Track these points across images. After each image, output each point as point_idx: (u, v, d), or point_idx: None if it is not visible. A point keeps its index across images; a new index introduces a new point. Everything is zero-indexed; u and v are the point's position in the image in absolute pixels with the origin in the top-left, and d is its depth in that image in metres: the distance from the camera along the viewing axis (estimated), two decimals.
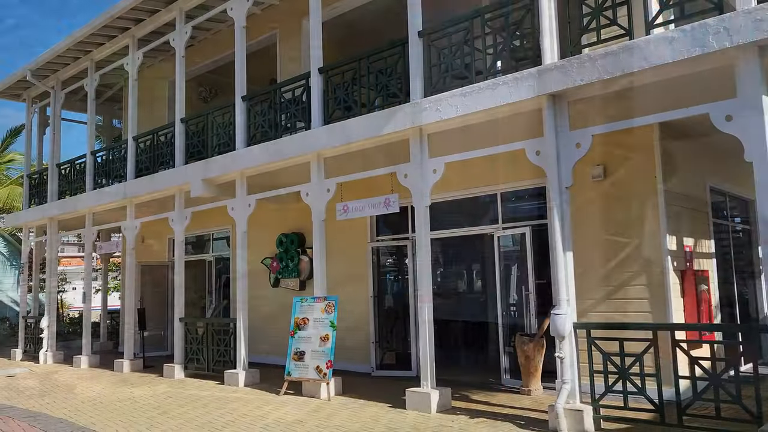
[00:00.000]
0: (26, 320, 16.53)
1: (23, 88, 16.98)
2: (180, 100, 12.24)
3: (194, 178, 11.32)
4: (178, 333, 11.71)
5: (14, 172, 25.05)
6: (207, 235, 15.50)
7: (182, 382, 11.01)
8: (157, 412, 8.39)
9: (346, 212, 9.18)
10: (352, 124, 8.84)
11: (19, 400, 9.80)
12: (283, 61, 13.13)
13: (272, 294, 13.16)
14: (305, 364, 9.16)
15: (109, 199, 13.60)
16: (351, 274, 11.51)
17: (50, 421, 8.01)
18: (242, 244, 10.76)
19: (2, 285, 27.56)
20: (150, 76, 16.21)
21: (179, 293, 11.94)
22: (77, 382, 11.53)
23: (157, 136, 13.03)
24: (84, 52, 14.68)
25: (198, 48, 14.82)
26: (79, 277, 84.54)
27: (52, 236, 15.68)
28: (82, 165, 15.20)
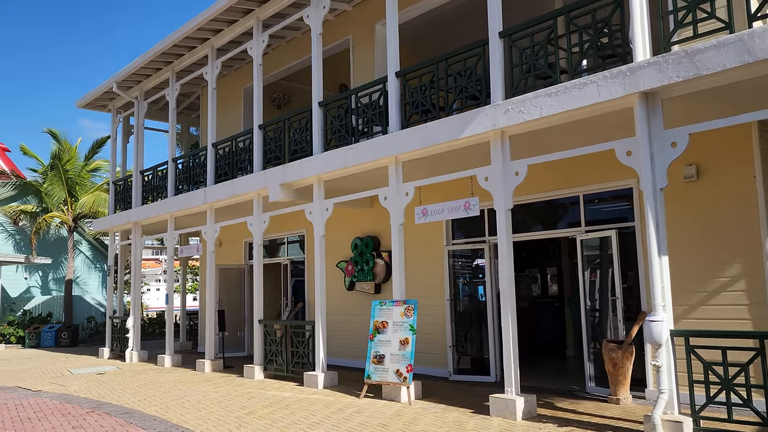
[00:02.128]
0: (113, 320, 17.30)
1: (109, 99, 17.84)
2: (258, 106, 12.53)
3: (272, 183, 11.55)
4: (258, 335, 11.97)
5: (99, 179, 26.33)
6: (281, 238, 15.81)
7: (262, 383, 11.25)
8: (243, 412, 8.59)
9: (425, 216, 9.14)
10: (431, 128, 8.80)
11: (112, 397, 10.25)
12: (356, 67, 13.25)
13: (347, 297, 13.29)
14: (385, 368, 9.18)
15: (189, 204, 14.06)
16: (427, 277, 11.49)
17: (144, 418, 8.33)
18: (320, 247, 10.89)
19: (87, 287, 29.06)
20: (225, 84, 16.70)
21: (258, 296, 12.20)
22: (164, 381, 11.97)
23: (236, 142, 13.39)
24: (165, 63, 15.28)
25: (272, 56, 15.16)
26: (154, 278, 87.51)
27: (137, 240, 16.37)
28: (164, 171, 15.80)
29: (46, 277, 27.58)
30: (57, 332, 22.89)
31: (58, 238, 27.05)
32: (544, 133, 7.92)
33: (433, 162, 9.42)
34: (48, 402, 9.94)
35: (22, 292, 26.28)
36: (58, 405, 9.59)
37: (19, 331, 23.70)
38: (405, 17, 11.45)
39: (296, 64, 15.13)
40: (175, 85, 15.30)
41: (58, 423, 8.18)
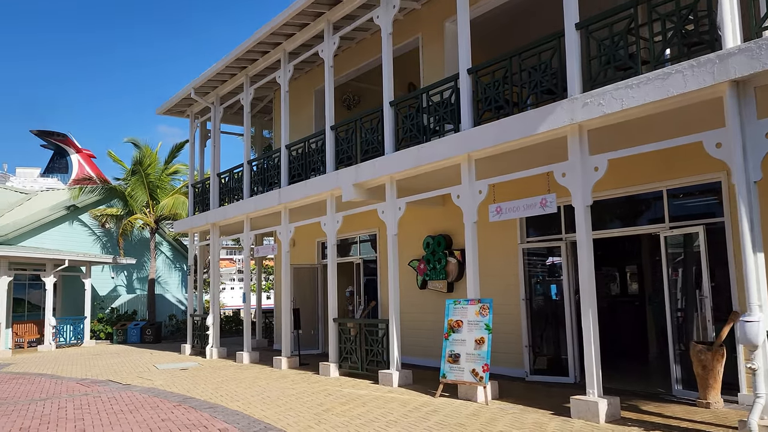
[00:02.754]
0: (193, 318, 17.98)
1: (187, 105, 18.55)
2: (330, 108, 12.70)
3: (345, 183, 11.69)
4: (333, 333, 12.14)
5: (178, 182, 27.42)
6: (352, 238, 15.98)
7: (338, 380, 11.40)
8: (321, 408, 8.73)
9: (499, 213, 9.02)
10: (505, 124, 8.67)
11: (196, 391, 10.66)
12: (426, 65, 13.23)
13: (419, 296, 13.29)
14: (460, 367, 9.12)
15: (264, 205, 14.42)
16: (500, 276, 11.34)
17: (227, 412, 8.62)
18: (393, 246, 10.93)
19: (168, 285, 30.32)
20: (296, 86, 17.03)
21: (332, 294, 12.38)
22: (243, 377, 12.33)
23: (308, 143, 13.63)
24: (240, 68, 15.73)
25: (342, 57, 15.34)
26: (229, 278, 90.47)
27: (215, 241, 16.95)
28: (240, 174, 16.28)
29: (131, 276, 28.98)
30: (142, 329, 24.03)
31: (141, 239, 28.37)
32: (624, 126, 7.66)
33: (507, 159, 9.28)
34: (138, 395, 10.44)
35: (109, 291, 27.72)
36: (147, 398, 10.06)
37: (107, 328, 25.02)
38: (474, 13, 11.32)
39: (365, 64, 15.26)
40: (249, 90, 15.73)
41: (149, 416, 8.57)
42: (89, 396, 10.57)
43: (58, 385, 12.21)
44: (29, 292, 23.26)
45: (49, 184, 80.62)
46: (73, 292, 24.57)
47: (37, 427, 8.07)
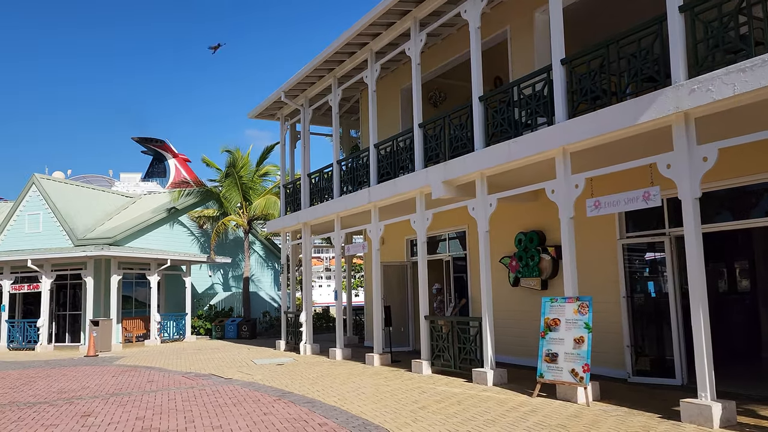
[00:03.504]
0: (287, 315, 18.51)
1: (277, 108, 19.11)
2: (417, 106, 12.71)
3: (434, 180, 11.65)
4: (425, 330, 12.14)
5: (269, 184, 28.36)
6: (440, 235, 15.91)
7: (431, 378, 11.39)
8: (416, 406, 8.75)
9: (597, 208, 8.69)
10: (602, 115, 8.34)
11: (293, 386, 10.96)
12: (515, 58, 12.95)
13: (511, 293, 13.05)
14: (559, 367, 8.87)
15: (354, 204, 14.62)
16: (598, 273, 10.94)
17: (325, 407, 8.80)
18: (484, 243, 10.78)
19: (261, 283, 31.38)
20: (382, 85, 17.14)
21: (424, 292, 12.38)
22: (337, 373, 12.57)
23: (397, 142, 13.69)
24: (328, 70, 16.02)
25: (428, 54, 15.28)
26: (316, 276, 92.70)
27: (306, 240, 17.37)
28: (329, 174, 16.59)
29: (227, 275, 30.25)
30: (238, 325, 25.03)
31: (236, 239, 29.54)
32: (733, 113, 7.18)
33: (605, 151, 8.93)
34: (239, 389, 10.86)
35: (206, 289, 29.07)
36: (248, 392, 10.44)
37: (206, 324, 26.26)
38: (567, 1, 10.97)
39: (451, 60, 15.14)
40: (337, 91, 15.99)
41: (251, 409, 8.90)
42: (195, 389, 11.10)
43: (165, 378, 12.91)
44: (136, 289, 24.76)
45: (149, 188, 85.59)
46: (174, 289, 25.95)
47: (151, 417, 8.56)
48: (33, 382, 12.96)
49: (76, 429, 7.96)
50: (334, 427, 7.53)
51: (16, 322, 22.92)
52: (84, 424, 8.23)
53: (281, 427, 7.64)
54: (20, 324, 22.77)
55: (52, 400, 10.43)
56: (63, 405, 9.84)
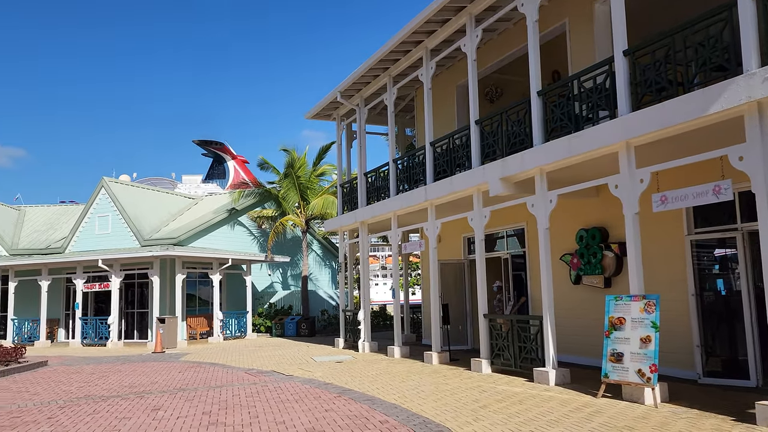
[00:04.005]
0: (345, 313, 18.69)
1: (333, 109, 19.31)
2: (474, 102, 12.60)
3: (492, 177, 11.53)
4: (483, 329, 12.03)
5: (325, 183, 28.70)
6: (498, 232, 15.72)
7: (491, 377, 11.28)
8: (477, 405, 8.68)
9: (664, 203, 8.40)
10: (668, 107, 8.05)
11: (353, 384, 11.06)
12: (574, 51, 12.67)
13: (572, 291, 12.77)
14: (624, 367, 8.62)
15: (411, 203, 14.62)
16: (664, 270, 10.58)
17: (386, 405, 8.84)
18: (544, 240, 10.59)
19: (319, 282, 31.79)
20: (437, 83, 17.06)
21: (482, 290, 12.27)
22: (396, 371, 12.60)
23: (453, 139, 13.61)
24: (383, 69, 16.08)
25: (484, 50, 15.12)
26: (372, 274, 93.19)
27: (363, 238, 17.49)
28: (385, 172, 16.65)
29: (285, 273, 30.79)
30: (297, 323, 25.45)
31: (294, 238, 30.04)
32: None
33: (671, 144, 8.63)
34: (300, 386, 11.04)
35: (266, 287, 29.67)
36: (309, 389, 10.60)
37: (266, 322, 26.81)
38: None
39: (508, 55, 14.94)
40: (392, 90, 16.03)
41: (313, 405, 9.03)
42: (257, 385, 11.35)
43: (229, 374, 13.26)
44: (199, 288, 25.53)
45: (210, 189, 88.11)
46: (235, 288, 26.60)
47: (217, 412, 8.80)
48: (106, 376, 13.55)
49: (147, 422, 8.27)
50: (394, 424, 7.56)
51: (89, 320, 24.01)
52: (154, 418, 8.54)
53: (342, 423, 7.72)
54: (92, 321, 23.84)
55: (124, 394, 10.87)
56: (134, 399, 10.25)
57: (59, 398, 10.64)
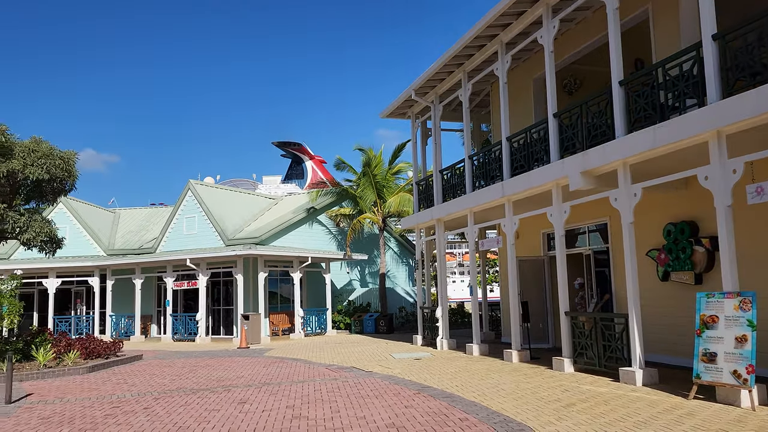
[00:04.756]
0: (423, 310, 18.72)
1: (408, 107, 19.37)
2: (551, 95, 12.31)
3: (572, 171, 11.22)
4: (565, 327, 11.74)
5: (401, 181, 28.84)
6: (578, 228, 15.28)
7: (574, 376, 11.00)
8: (560, 404, 8.49)
9: (760, 195, 7.90)
10: (764, 92, 7.58)
11: (432, 381, 11.08)
12: (657, 38, 12.14)
13: (660, 288, 12.25)
14: (718, 367, 8.19)
15: (487, 199, 14.46)
16: (761, 266, 9.96)
17: (465, 403, 8.80)
18: (629, 236, 10.22)
19: (396, 279, 31.99)
20: (513, 76, 16.77)
21: (563, 287, 11.98)
22: (475, 369, 12.51)
23: (530, 133, 13.35)
24: (457, 65, 15.98)
25: (561, 41, 14.73)
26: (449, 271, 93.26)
27: (440, 235, 17.45)
28: (461, 169, 16.54)
29: (363, 271, 31.18)
30: (376, 320, 25.72)
31: (371, 236, 30.36)
32: None
33: (766, 132, 8.11)
34: (379, 382, 11.16)
35: (344, 285, 30.15)
36: (389, 385, 10.70)
37: (345, 319, 27.25)
38: None
39: (586, 45, 14.47)
40: (467, 85, 15.90)
41: (393, 402, 9.11)
42: (338, 381, 11.57)
43: (310, 369, 13.58)
44: (280, 286, 26.26)
45: (289, 189, 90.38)
46: (315, 286, 27.20)
47: (300, 406, 9.04)
48: (195, 370, 14.19)
49: (235, 414, 8.61)
50: (474, 422, 7.52)
51: (179, 316, 25.21)
52: (241, 410, 8.87)
53: (422, 420, 7.74)
54: (182, 318, 25.02)
55: (212, 387, 11.35)
56: (222, 392, 10.68)
57: (154, 390, 11.25)
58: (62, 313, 29.09)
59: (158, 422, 8.27)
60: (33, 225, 15.57)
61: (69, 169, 15.90)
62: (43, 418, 8.92)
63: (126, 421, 8.40)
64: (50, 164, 15.28)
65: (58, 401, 10.35)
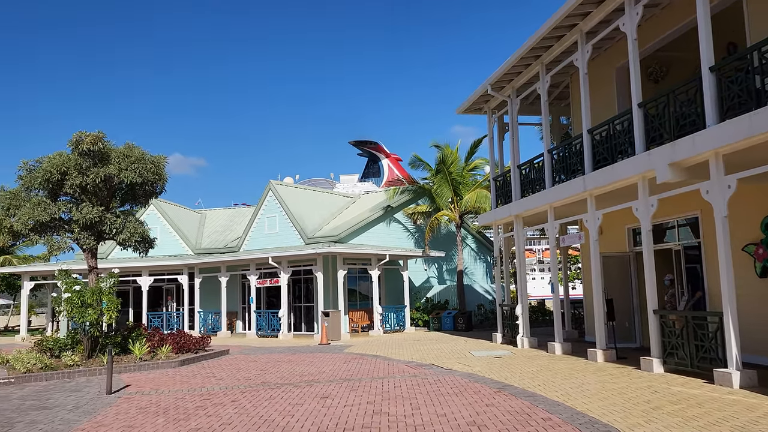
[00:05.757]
0: (502, 308, 18.46)
1: (484, 102, 19.14)
2: (636, 84, 11.83)
3: (659, 163, 10.74)
4: (654, 326, 11.27)
5: (478, 177, 28.52)
6: (667, 222, 14.60)
7: (663, 377, 10.54)
8: (648, 406, 8.16)
9: None
10: None
11: (513, 379, 10.91)
12: (752, 19, 11.42)
13: (758, 285, 11.54)
14: None
15: (568, 194, 14.07)
16: None
17: (548, 402, 8.61)
18: (722, 230, 9.68)
19: (474, 276, 31.71)
20: (594, 66, 16.23)
21: (651, 284, 11.50)
22: (558, 368, 12.22)
23: (613, 125, 12.89)
24: (534, 57, 15.63)
25: (645, 27, 14.12)
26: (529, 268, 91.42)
27: (519, 232, 17.14)
28: (540, 164, 16.18)
29: (441, 268, 31.10)
30: (454, 317, 25.60)
31: (448, 233, 30.22)
32: None
33: None
34: (459, 380, 11.10)
35: (422, 282, 30.17)
36: (469, 383, 10.62)
37: (423, 316, 27.27)
38: None
39: (673, 31, 13.80)
40: (545, 78, 15.53)
41: (473, 399, 9.04)
42: (417, 377, 11.60)
43: (389, 366, 13.68)
44: (359, 283, 26.60)
45: (365, 187, 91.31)
46: (393, 283, 27.37)
47: (380, 402, 9.13)
48: (279, 365, 14.62)
49: (317, 409, 8.80)
50: (558, 422, 7.35)
51: (262, 313, 26.03)
52: (324, 405, 9.07)
53: (504, 419, 7.64)
54: (265, 314, 25.82)
55: (295, 382, 11.66)
56: (305, 387, 10.95)
57: (240, 384, 11.68)
58: (154, 309, 30.70)
59: (245, 414, 8.58)
60: (128, 226, 16.51)
61: (159, 172, 16.75)
62: (141, 408, 9.45)
63: (215, 413, 8.77)
64: (142, 168, 16.14)
65: (153, 392, 10.94)
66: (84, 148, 15.48)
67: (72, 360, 14.31)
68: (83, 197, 16.31)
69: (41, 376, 13.23)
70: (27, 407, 9.91)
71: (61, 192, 16.22)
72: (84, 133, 15.62)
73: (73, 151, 15.75)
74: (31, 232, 15.87)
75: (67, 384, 12.63)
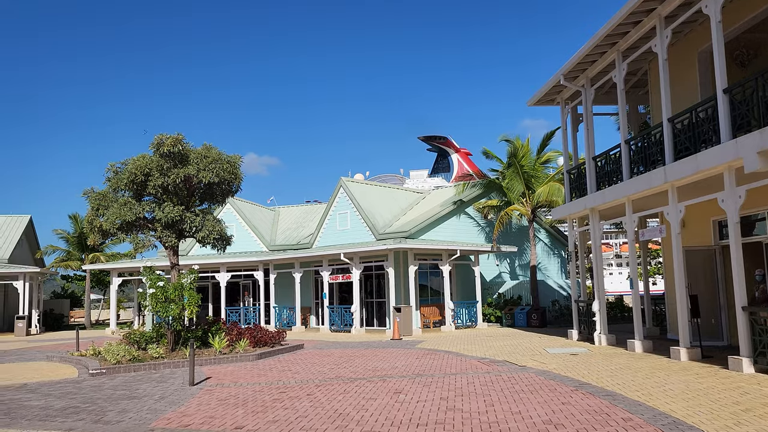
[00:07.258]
0: (578, 304, 17.97)
1: (557, 93, 18.64)
2: (720, 69, 11.20)
3: (747, 152, 10.14)
4: (743, 323, 10.67)
5: (551, 170, 27.85)
6: (757, 214, 13.76)
7: (753, 378, 9.96)
8: (738, 408, 7.74)
9: None
10: None
11: (590, 378, 10.60)
12: None
13: None
14: None
15: (647, 186, 13.51)
16: None
17: (628, 402, 8.32)
18: None
19: (548, 271, 31.05)
20: (673, 52, 15.51)
21: (739, 280, 10.89)
22: (638, 367, 11.77)
23: (696, 113, 12.26)
24: (610, 45, 15.08)
25: (730, 8, 13.35)
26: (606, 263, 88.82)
27: (594, 226, 16.62)
28: (617, 155, 15.61)
29: (513, 263, 30.60)
30: (527, 314, 25.15)
31: (520, 227, 29.70)
32: None
33: None
34: (534, 377, 10.90)
35: (494, 277, 29.78)
36: (543, 381, 10.41)
37: (496, 312, 26.93)
38: None
39: (762, 11, 12.98)
40: (621, 65, 14.96)
41: (548, 397, 8.85)
42: (490, 374, 11.47)
43: (462, 362, 13.60)
44: (430, 279, 26.55)
45: (435, 183, 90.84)
46: (464, 278, 27.17)
47: (453, 398, 9.09)
48: (351, 360, 14.81)
49: (391, 404, 8.86)
50: (640, 423, 7.09)
51: (335, 308, 26.44)
52: (397, 400, 9.12)
53: (581, 418, 7.44)
54: (338, 309, 26.21)
55: (368, 377, 11.78)
56: (377, 382, 11.05)
57: (315, 378, 11.91)
58: (232, 304, 31.76)
59: (320, 408, 8.75)
60: (206, 224, 17.15)
61: (235, 171, 17.31)
62: (221, 400, 9.81)
63: (292, 406, 8.98)
64: (219, 168, 16.72)
65: (232, 385, 11.33)
66: (165, 150, 16.20)
67: (157, 352, 15.03)
68: (165, 197, 17.06)
69: (130, 367, 13.97)
70: (117, 396, 10.49)
71: (144, 192, 17.04)
72: (165, 136, 16.35)
73: (155, 152, 16.51)
74: (118, 230, 16.76)
75: (153, 375, 13.29)
